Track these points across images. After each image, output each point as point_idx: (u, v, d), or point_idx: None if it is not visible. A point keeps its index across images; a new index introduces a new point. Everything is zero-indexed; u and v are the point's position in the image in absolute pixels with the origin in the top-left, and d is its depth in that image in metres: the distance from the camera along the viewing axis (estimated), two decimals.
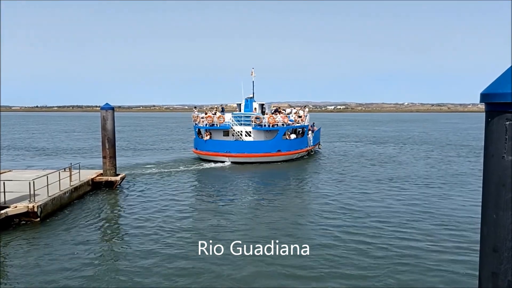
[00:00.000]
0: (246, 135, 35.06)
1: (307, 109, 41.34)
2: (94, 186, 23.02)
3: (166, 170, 31.07)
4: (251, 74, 39.13)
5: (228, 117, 35.70)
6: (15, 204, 16.50)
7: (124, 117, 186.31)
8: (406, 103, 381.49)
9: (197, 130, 36.97)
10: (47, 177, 18.41)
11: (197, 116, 37.09)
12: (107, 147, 23.59)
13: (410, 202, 20.74)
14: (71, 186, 20.26)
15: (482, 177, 3.29)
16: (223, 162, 33.91)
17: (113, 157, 23.84)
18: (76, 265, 12.64)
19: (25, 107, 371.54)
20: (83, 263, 12.82)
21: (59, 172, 19.84)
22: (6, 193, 16.55)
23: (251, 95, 38.76)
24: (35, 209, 16.52)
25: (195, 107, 40.60)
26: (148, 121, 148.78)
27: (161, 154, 43.56)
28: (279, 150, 34.88)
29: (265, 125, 34.72)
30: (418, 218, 17.83)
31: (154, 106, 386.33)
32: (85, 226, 16.64)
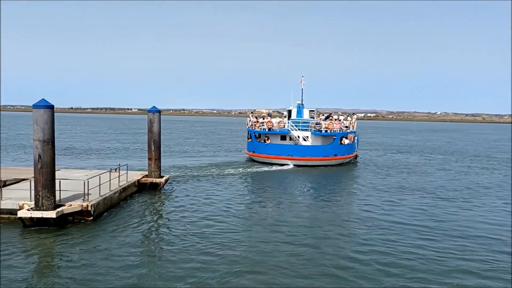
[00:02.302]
0: (303, 140, 37.36)
1: (355, 116, 44.18)
2: (140, 187, 23.36)
3: (210, 173, 31.71)
4: (301, 82, 42.06)
5: (287, 122, 38.02)
6: (70, 203, 16.88)
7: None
8: (439, 113, 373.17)
9: (254, 134, 39.02)
10: (100, 177, 18.80)
11: (257, 121, 39.63)
12: (152, 149, 23.93)
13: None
14: (120, 186, 20.61)
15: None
16: (284, 165, 35.94)
17: (158, 159, 24.16)
18: (125, 265, 12.73)
19: (60, 108, 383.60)
20: (130, 264, 12.84)
21: (110, 173, 20.21)
22: (59, 191, 16.93)
23: (299, 101, 41.33)
24: (89, 208, 16.85)
25: (251, 112, 42.59)
26: (177, 124, 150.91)
27: (204, 156, 44.80)
28: (335, 155, 37.33)
29: (324, 131, 37.29)
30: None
31: (183, 109, 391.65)
32: (133, 227, 16.82)
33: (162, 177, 24.36)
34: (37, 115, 15.71)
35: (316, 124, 37.64)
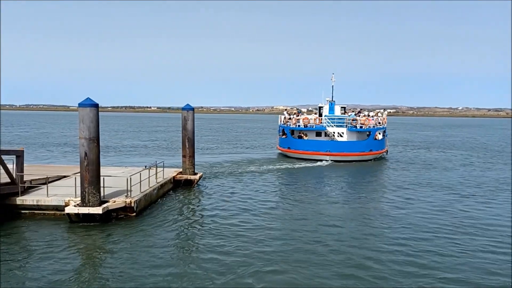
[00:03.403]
0: (338, 136, 38.20)
1: (385, 112, 44.77)
2: (175, 184, 23.70)
3: (243, 169, 32.13)
4: (331, 79, 42.97)
5: (323, 119, 39.27)
6: (113, 199, 17.26)
7: (174, 118, 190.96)
8: (460, 108, 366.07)
9: (290, 130, 39.85)
10: (140, 174, 19.17)
11: (293, 117, 40.62)
12: (187, 146, 24.24)
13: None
14: (158, 183, 20.96)
15: None
16: (321, 160, 36.79)
17: (192, 156, 24.46)
18: (166, 261, 12.92)
19: None
20: (171, 260, 13.01)
21: (149, 170, 20.57)
22: (102, 188, 17.30)
23: (328, 98, 41.94)
24: (132, 204, 17.20)
25: (285, 110, 44.34)
26: (196, 122, 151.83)
27: (234, 153, 45.34)
28: (371, 150, 38.38)
29: (360, 127, 38.36)
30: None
31: (202, 107, 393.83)
32: (173, 223, 17.07)
33: (196, 174, 24.67)
34: (83, 113, 16.10)
35: (353, 120, 38.63)
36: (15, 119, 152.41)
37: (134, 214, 17.40)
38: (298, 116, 41.33)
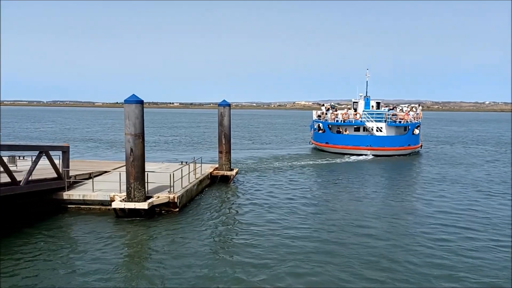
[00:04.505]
0: (377, 130, 38.38)
1: (420, 108, 44.60)
2: (211, 180, 23.79)
3: (278, 165, 32.27)
4: (366, 75, 43.16)
5: (362, 114, 39.78)
6: (157, 194, 17.41)
7: (201, 113, 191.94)
8: (487, 102, 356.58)
9: (328, 126, 40.13)
10: (181, 170, 19.30)
11: (329, 112, 40.97)
12: (223, 142, 24.28)
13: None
14: (196, 179, 21.06)
15: None
16: (362, 155, 37.11)
17: (229, 152, 24.49)
18: (207, 257, 12.92)
19: (107, 103, 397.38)
20: (213, 257, 13.00)
21: (189, 165, 20.69)
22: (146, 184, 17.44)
23: (361, 94, 42.32)
24: (175, 200, 17.32)
25: (323, 105, 44.28)
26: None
27: (267, 149, 45.68)
28: (409, 144, 38.93)
29: (399, 122, 38.68)
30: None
31: None
32: (213, 219, 17.10)
33: (232, 170, 24.70)
34: (129, 110, 16.26)
35: (393, 115, 38.95)
36: (42, 115, 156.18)
37: (177, 209, 17.52)
38: (331, 111, 41.53)
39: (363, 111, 40.02)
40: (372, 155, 37.22)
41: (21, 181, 15.21)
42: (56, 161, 17.69)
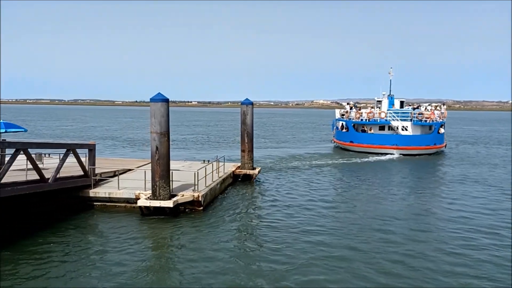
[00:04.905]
0: (402, 129, 38.04)
1: (444, 107, 44.23)
2: (234, 179, 23.75)
3: (300, 164, 32.13)
4: (389, 73, 43.06)
5: (387, 113, 39.59)
6: (182, 193, 17.43)
7: (219, 112, 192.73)
8: (511, 101, 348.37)
9: (352, 125, 39.91)
10: (205, 168, 19.28)
11: (355, 111, 40.66)
12: (246, 141, 24.21)
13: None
14: (219, 177, 21.03)
15: None
16: (387, 154, 36.89)
17: (251, 151, 24.41)
18: (231, 257, 12.82)
19: (126, 102, 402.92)
20: (235, 256, 12.89)
21: (212, 164, 20.67)
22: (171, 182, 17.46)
23: (384, 92, 42.11)
24: (200, 198, 17.31)
25: (347, 103, 43.99)
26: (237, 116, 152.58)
27: (288, 148, 45.54)
28: (435, 144, 38.78)
29: (424, 121, 38.40)
30: None
31: (240, 101, 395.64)
32: (237, 218, 17.01)
33: (254, 168, 24.62)
34: (155, 108, 16.31)
35: (419, 114, 38.61)
36: (63, 113, 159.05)
37: (201, 208, 17.51)
38: (354, 110, 41.37)
39: (388, 109, 39.69)
40: (399, 154, 36.98)
41: (49, 178, 15.40)
42: (82, 159, 17.87)
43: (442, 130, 40.11)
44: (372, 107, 42.55)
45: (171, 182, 17.03)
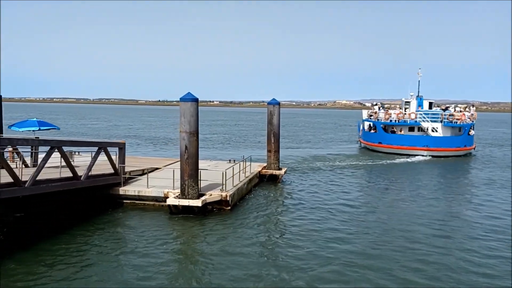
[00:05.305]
0: (432, 131, 37.85)
1: (474, 108, 43.37)
2: (260, 179, 23.71)
3: (326, 165, 32.00)
4: (418, 74, 42.52)
5: (417, 114, 39.33)
6: (209, 192, 17.49)
7: (240, 112, 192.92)
8: None
9: (381, 126, 39.70)
10: (233, 168, 19.30)
11: (385, 112, 40.44)
12: (272, 141, 24.14)
13: None
14: (246, 177, 21.02)
15: None
16: (417, 155, 36.62)
17: (277, 151, 24.33)
18: (257, 257, 12.78)
19: (149, 101, 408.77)
20: (262, 256, 12.87)
21: (239, 164, 20.69)
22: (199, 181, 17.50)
23: (412, 93, 41.64)
24: (228, 198, 17.33)
25: (375, 104, 44.01)
26: (258, 116, 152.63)
27: (313, 148, 45.43)
28: (465, 145, 38.47)
29: (455, 122, 38.10)
30: None
31: (263, 101, 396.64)
32: (264, 219, 16.96)
33: (280, 169, 24.52)
34: (184, 108, 16.41)
35: (450, 115, 38.38)
36: (88, 112, 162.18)
37: (229, 208, 17.53)
38: (383, 111, 41.16)
39: (418, 111, 39.32)
40: (429, 155, 36.78)
41: (81, 176, 15.68)
42: (112, 157, 18.14)
43: (472, 132, 39.71)
44: (400, 108, 42.14)
45: (199, 181, 17.10)
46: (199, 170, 17.21)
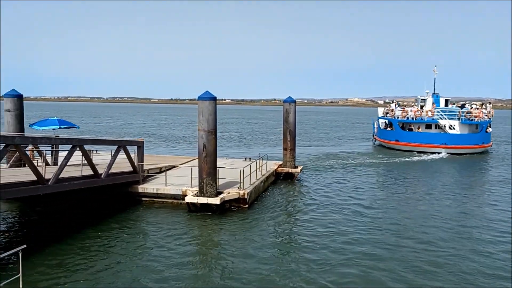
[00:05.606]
0: (449, 128, 37.78)
1: (490, 105, 43.12)
2: (276, 177, 23.74)
3: (342, 162, 31.97)
4: (434, 71, 42.54)
5: (435, 111, 39.17)
6: (227, 190, 17.58)
7: (252, 110, 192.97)
8: None
9: (398, 123, 39.60)
10: (250, 166, 19.37)
11: (401, 109, 40.31)
12: (288, 139, 24.14)
13: None
14: (263, 175, 21.07)
15: None
16: (435, 153, 36.53)
17: (293, 149, 24.34)
18: (275, 256, 12.78)
19: (162, 99, 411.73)
20: (280, 255, 12.86)
21: (256, 162, 20.75)
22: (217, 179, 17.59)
23: (427, 90, 41.66)
24: (245, 196, 17.41)
25: (392, 102, 43.81)
26: (269, 114, 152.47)
27: (329, 145, 45.52)
28: (483, 143, 38.25)
29: (472, 119, 37.93)
30: None
31: (274, 99, 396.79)
32: (280, 217, 16.94)
33: (296, 167, 24.52)
34: (203, 106, 16.51)
35: (467, 113, 38.15)
36: (101, 111, 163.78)
37: (247, 206, 17.60)
38: (399, 108, 41.02)
39: (435, 108, 39.16)
40: (447, 153, 36.66)
41: (101, 174, 15.89)
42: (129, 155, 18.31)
43: (489, 129, 39.49)
44: (414, 105, 41.99)
45: (217, 179, 17.19)
46: (217, 168, 17.31)
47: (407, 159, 34.39)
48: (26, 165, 13.02)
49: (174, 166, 22.29)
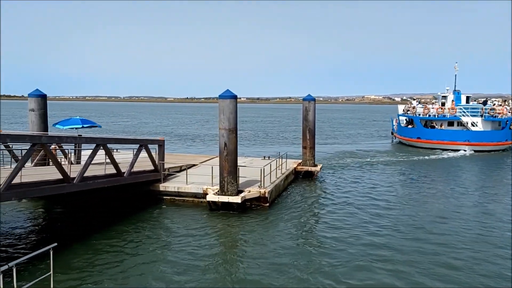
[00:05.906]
0: (472, 125, 37.44)
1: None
2: (295, 175, 23.64)
3: (361, 161, 31.80)
4: (455, 68, 42.02)
5: (457, 108, 38.89)
6: (248, 189, 17.56)
7: (267, 108, 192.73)
8: None
9: (420, 120, 39.26)
10: (270, 165, 19.31)
11: (423, 106, 40.33)
12: (307, 137, 24.01)
13: None
14: (283, 174, 21.00)
15: None
16: (458, 150, 36.40)
17: (313, 147, 24.20)
18: (296, 254, 12.70)
19: (178, 98, 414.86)
20: (301, 255, 12.76)
21: (276, 161, 20.69)
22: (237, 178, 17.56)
23: (448, 87, 41.20)
24: (266, 195, 17.36)
25: (413, 99, 43.93)
26: (285, 113, 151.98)
27: (348, 143, 45.30)
28: (506, 140, 37.97)
29: (495, 116, 37.60)
30: None
31: (290, 97, 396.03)
32: (301, 216, 16.85)
33: (316, 165, 24.39)
34: (223, 105, 16.50)
35: (491, 109, 37.77)
36: (118, 110, 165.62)
37: (267, 204, 17.56)
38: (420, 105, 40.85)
39: (457, 105, 38.82)
40: (470, 150, 36.36)
41: (124, 172, 16.03)
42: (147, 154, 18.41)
43: None
44: (433, 102, 41.60)
45: (238, 178, 17.18)
46: (238, 167, 17.30)
47: (427, 157, 33.96)
48: (50, 164, 13.19)
49: (194, 165, 22.37)
